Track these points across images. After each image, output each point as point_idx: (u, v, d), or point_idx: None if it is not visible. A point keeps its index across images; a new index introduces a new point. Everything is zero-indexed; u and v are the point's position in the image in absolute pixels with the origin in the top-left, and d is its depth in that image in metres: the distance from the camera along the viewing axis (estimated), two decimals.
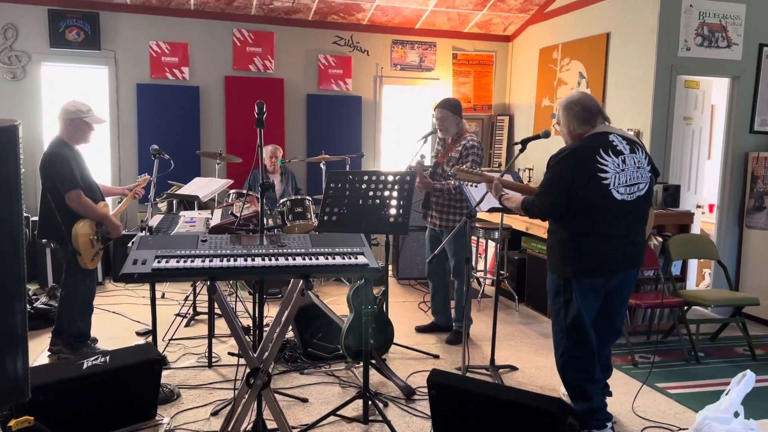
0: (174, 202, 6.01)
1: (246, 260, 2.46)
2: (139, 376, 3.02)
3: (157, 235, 3.52)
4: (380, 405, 3.30)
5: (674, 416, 3.40)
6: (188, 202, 5.83)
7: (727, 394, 2.95)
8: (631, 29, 5.45)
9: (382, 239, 6.21)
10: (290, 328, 4.02)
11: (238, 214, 3.76)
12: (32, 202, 5.86)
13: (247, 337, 2.78)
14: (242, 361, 2.99)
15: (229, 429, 2.60)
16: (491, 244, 6.22)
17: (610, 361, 3.27)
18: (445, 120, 4.44)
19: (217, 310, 4.44)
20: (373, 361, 3.76)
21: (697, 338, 4.41)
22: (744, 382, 2.89)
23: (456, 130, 4.46)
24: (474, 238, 6.01)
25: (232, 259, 2.46)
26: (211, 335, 4.03)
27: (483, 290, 5.86)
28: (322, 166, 5.89)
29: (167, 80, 6.58)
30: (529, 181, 6.61)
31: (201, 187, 4.93)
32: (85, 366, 2.93)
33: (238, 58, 6.75)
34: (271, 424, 2.81)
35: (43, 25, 6.18)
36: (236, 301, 4.99)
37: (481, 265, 6.42)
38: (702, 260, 5.76)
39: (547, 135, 3.30)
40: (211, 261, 2.42)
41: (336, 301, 5.47)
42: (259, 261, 2.46)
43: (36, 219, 4.07)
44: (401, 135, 7.37)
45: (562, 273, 2.96)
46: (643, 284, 4.82)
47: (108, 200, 4.19)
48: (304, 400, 3.45)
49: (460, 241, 4.33)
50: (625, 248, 2.94)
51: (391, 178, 3.43)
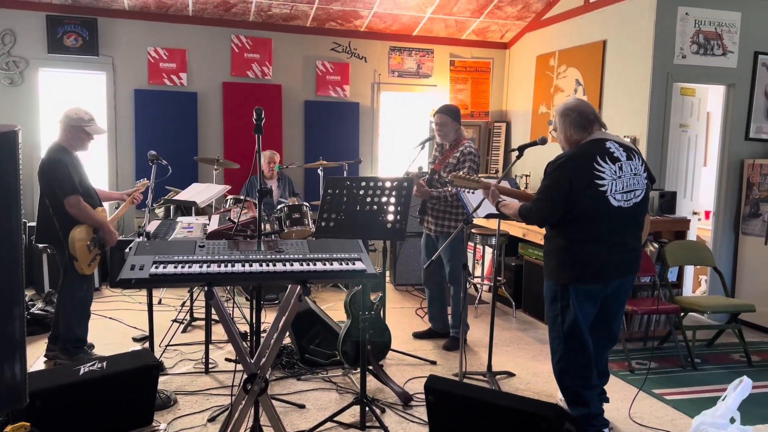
0: (171, 207, 6.01)
1: (244, 266, 2.46)
2: (136, 382, 3.02)
3: (155, 241, 3.52)
4: (377, 411, 3.30)
5: (671, 422, 3.41)
6: (185, 208, 5.82)
7: (723, 399, 2.96)
8: (627, 37, 5.49)
9: (379, 245, 6.21)
10: (287, 334, 4.02)
11: (236, 220, 3.76)
12: (29, 207, 5.85)
13: (244, 343, 2.78)
14: (239, 367, 2.99)
15: None
16: (488, 250, 6.23)
17: (607, 367, 3.28)
18: (445, 126, 4.45)
19: (214, 316, 4.43)
20: (371, 367, 3.76)
21: (693, 344, 4.42)
22: (741, 388, 2.90)
23: (454, 137, 4.48)
24: (471, 244, 6.02)
25: (229, 264, 2.46)
26: (208, 341, 4.03)
27: (480, 296, 5.86)
28: (319, 172, 5.91)
29: (165, 86, 6.59)
30: (526, 188, 6.63)
31: (198, 192, 4.94)
32: (81, 372, 2.92)
33: (236, 65, 6.77)
34: (268, 431, 2.80)
35: (41, 31, 6.19)
36: (233, 307, 4.99)
37: (478, 272, 6.43)
38: (698, 267, 5.77)
39: (543, 142, 3.32)
40: (208, 267, 2.43)
41: (333, 307, 5.47)
42: (256, 267, 2.47)
43: (33, 224, 4.07)
44: (399, 141, 7.39)
45: (559, 279, 2.97)
46: (639, 290, 4.84)
47: (105, 205, 4.19)
48: (301, 407, 3.44)
49: (457, 247, 4.34)
50: (622, 254, 2.95)
51: (388, 184, 3.44)
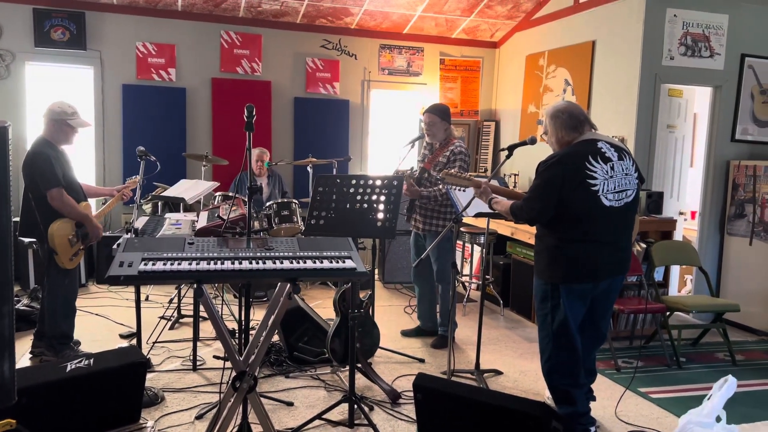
0: (159, 204, 5.97)
1: (234, 263, 2.45)
2: (123, 379, 3.00)
3: (144, 237, 3.50)
4: (366, 409, 3.30)
5: (656, 421, 3.44)
6: (173, 205, 5.79)
7: (709, 398, 2.99)
8: (616, 38, 5.52)
9: (368, 243, 6.21)
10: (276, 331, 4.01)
11: (225, 217, 3.74)
12: (15, 202, 5.77)
13: (232, 340, 2.78)
14: (228, 364, 2.98)
15: None
16: (477, 249, 6.25)
17: (595, 365, 3.31)
18: (434, 125, 4.46)
19: (202, 313, 4.41)
20: (359, 365, 3.76)
21: (678, 344, 4.46)
22: (726, 387, 2.94)
23: (443, 136, 4.48)
24: (459, 242, 6.03)
25: (219, 262, 2.45)
26: (195, 338, 4.01)
27: (468, 295, 5.88)
28: (309, 169, 5.89)
29: (154, 81, 6.54)
30: (514, 187, 6.66)
31: (187, 189, 4.90)
32: (68, 369, 2.90)
33: (225, 60, 6.73)
34: (256, 428, 2.80)
35: (28, 24, 6.11)
36: (222, 305, 4.97)
37: (466, 270, 6.44)
38: (684, 266, 5.83)
39: (533, 141, 3.34)
40: (198, 264, 2.42)
41: (322, 305, 5.46)
42: (246, 264, 2.46)
43: (17, 219, 4.03)
44: (388, 139, 7.39)
45: (550, 278, 2.98)
46: (626, 290, 4.87)
47: (92, 201, 4.15)
48: (290, 404, 3.44)
49: (444, 245, 4.34)
50: (613, 254, 2.98)
51: (378, 183, 3.44)
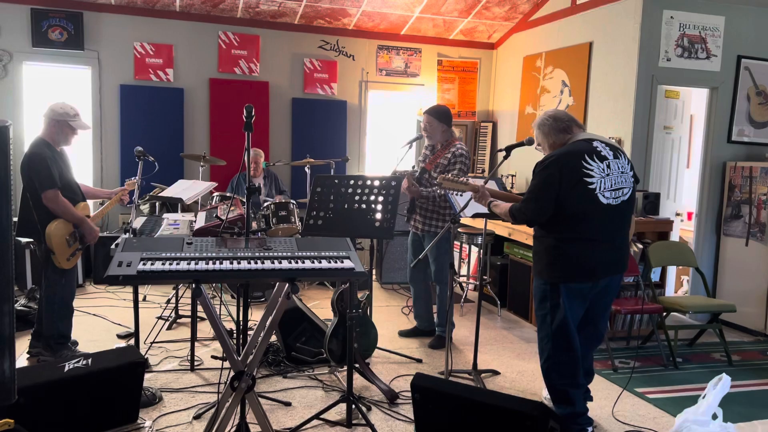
0: (157, 204, 5.97)
1: (232, 263, 2.46)
2: (121, 379, 3.01)
3: (142, 238, 3.50)
4: (363, 409, 3.31)
5: (653, 420, 3.46)
6: (171, 205, 5.79)
7: (704, 397, 3.01)
8: (613, 39, 5.54)
9: (366, 243, 6.22)
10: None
11: (224, 217, 3.75)
12: (14, 202, 5.77)
13: (231, 340, 2.79)
14: (225, 364, 2.99)
15: None
16: (474, 249, 6.26)
17: (593, 366, 3.32)
18: (430, 126, 4.47)
19: (200, 313, 4.42)
20: (357, 365, 3.77)
21: (675, 344, 4.48)
22: (720, 385, 2.96)
23: (441, 138, 4.49)
24: (457, 243, 6.04)
25: (218, 261, 2.46)
26: (193, 338, 4.01)
27: (465, 295, 5.89)
28: (306, 169, 5.89)
29: (151, 82, 6.54)
30: (512, 187, 6.67)
31: (185, 189, 4.91)
32: (66, 368, 2.90)
33: (223, 61, 6.73)
34: (254, 428, 2.80)
35: (26, 24, 6.11)
36: (220, 305, 4.97)
37: (464, 270, 6.46)
38: (680, 267, 5.85)
39: (530, 142, 3.36)
40: (197, 264, 2.42)
41: (320, 305, 5.47)
42: (245, 264, 2.47)
43: (15, 219, 4.03)
44: (386, 140, 7.40)
45: (550, 278, 2.99)
46: (623, 290, 4.89)
47: (90, 203, 4.15)
48: (288, 404, 3.44)
49: (442, 246, 4.35)
50: (612, 253, 2.99)
51: (377, 183, 3.44)
